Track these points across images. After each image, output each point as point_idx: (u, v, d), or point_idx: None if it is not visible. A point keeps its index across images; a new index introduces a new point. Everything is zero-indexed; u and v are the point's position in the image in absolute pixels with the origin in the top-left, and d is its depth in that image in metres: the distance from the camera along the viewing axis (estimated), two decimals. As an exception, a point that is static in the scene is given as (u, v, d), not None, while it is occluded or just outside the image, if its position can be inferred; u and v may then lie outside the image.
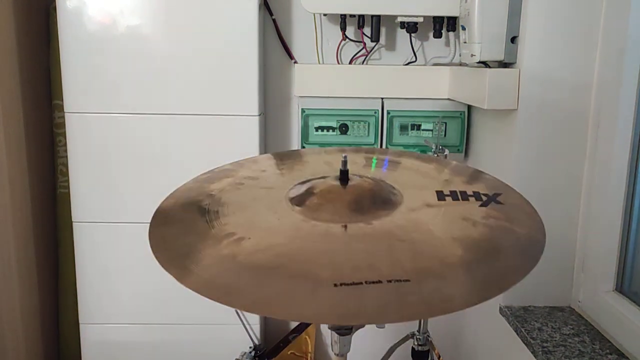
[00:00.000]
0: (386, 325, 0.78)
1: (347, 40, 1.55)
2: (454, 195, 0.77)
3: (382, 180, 0.80)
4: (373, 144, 1.54)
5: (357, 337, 0.80)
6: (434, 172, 0.86)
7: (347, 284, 0.57)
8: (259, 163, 0.92)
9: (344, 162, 0.76)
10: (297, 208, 0.72)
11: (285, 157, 0.95)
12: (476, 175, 0.86)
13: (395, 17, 1.47)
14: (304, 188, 0.76)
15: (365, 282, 0.57)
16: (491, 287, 0.59)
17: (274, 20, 1.55)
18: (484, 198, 0.76)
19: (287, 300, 0.56)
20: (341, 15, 1.49)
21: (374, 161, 0.89)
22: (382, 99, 1.53)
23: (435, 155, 1.29)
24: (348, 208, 0.72)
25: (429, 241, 0.67)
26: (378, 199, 0.74)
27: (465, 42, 1.29)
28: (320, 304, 0.55)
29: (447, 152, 1.29)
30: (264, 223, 0.70)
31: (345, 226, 0.68)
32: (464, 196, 0.77)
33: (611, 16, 1.10)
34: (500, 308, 1.26)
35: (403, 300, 0.55)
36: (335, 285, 0.57)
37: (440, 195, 0.77)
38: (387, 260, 0.62)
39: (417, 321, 1.27)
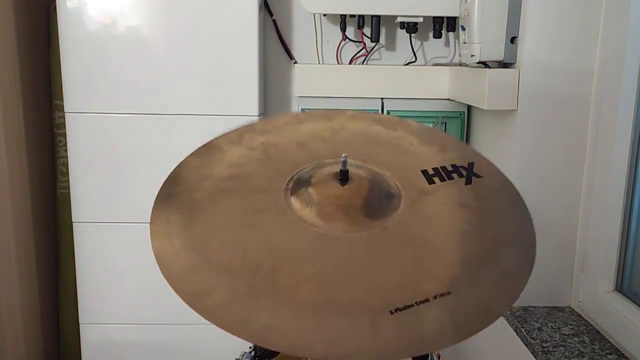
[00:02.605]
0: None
1: (347, 40, 1.55)
2: (439, 175, 0.77)
3: (370, 167, 0.79)
4: (373, 144, 1.54)
5: (357, 337, 0.80)
6: (405, 142, 0.85)
7: (401, 309, 0.53)
8: (226, 152, 0.84)
9: (344, 163, 0.75)
10: (308, 218, 0.68)
11: (248, 136, 0.87)
12: (442, 142, 0.86)
13: (395, 17, 1.47)
14: (304, 194, 0.73)
15: (416, 304, 0.54)
16: (520, 279, 0.59)
17: (274, 21, 1.55)
18: (464, 172, 0.78)
19: (352, 339, 0.51)
20: (341, 15, 1.49)
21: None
22: (382, 99, 1.53)
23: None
24: (360, 213, 0.69)
25: (444, 241, 0.66)
26: (382, 196, 0.74)
27: (465, 43, 1.29)
28: (383, 337, 0.51)
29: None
30: (284, 244, 0.64)
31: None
32: (448, 175, 0.78)
33: (611, 17, 1.10)
34: (500, 308, 1.26)
35: (455, 318, 0.54)
36: (391, 312, 0.53)
37: (428, 177, 0.77)
38: (421, 272, 0.60)
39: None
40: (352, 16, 1.51)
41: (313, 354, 0.50)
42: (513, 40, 1.20)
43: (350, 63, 1.57)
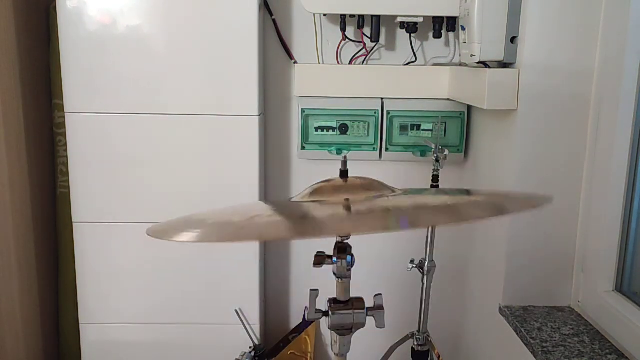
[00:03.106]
0: (386, 325, 0.78)
1: (347, 40, 1.55)
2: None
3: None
4: (373, 144, 1.54)
5: (357, 337, 0.80)
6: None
7: None
8: None
9: (344, 163, 0.76)
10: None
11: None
12: None
13: (395, 17, 1.47)
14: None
15: None
16: None
17: (274, 21, 1.55)
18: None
19: None
20: (341, 15, 1.49)
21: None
22: (382, 99, 1.53)
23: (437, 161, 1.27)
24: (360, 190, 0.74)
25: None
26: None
27: (465, 42, 1.29)
28: None
29: (447, 152, 1.29)
30: None
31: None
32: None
33: (611, 17, 1.10)
34: (500, 308, 1.27)
35: None
36: None
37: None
38: None
39: (417, 321, 1.27)
40: (352, 16, 1.51)
41: None
42: (513, 40, 1.20)
43: (350, 63, 1.57)
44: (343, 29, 1.52)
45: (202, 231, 0.68)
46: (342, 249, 0.77)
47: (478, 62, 1.24)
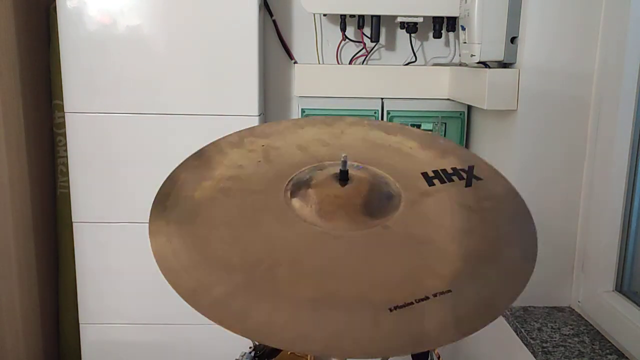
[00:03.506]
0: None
1: (347, 40, 1.55)
2: (439, 177, 0.78)
3: (370, 168, 0.80)
4: (373, 144, 1.54)
5: (357, 337, 0.80)
6: (405, 147, 0.85)
7: (401, 307, 0.53)
8: (226, 154, 0.83)
9: (344, 163, 0.75)
10: (307, 217, 0.68)
11: (249, 140, 0.86)
12: (443, 147, 0.86)
13: (395, 17, 1.47)
14: (304, 194, 0.73)
15: (415, 301, 0.54)
16: (521, 276, 0.59)
17: (274, 21, 1.55)
18: (464, 175, 0.78)
19: (352, 336, 0.51)
20: (341, 15, 1.49)
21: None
22: (382, 99, 1.53)
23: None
24: (360, 213, 0.70)
25: (445, 239, 0.67)
26: (382, 196, 0.74)
27: (465, 43, 1.29)
28: (383, 333, 0.51)
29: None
30: (284, 242, 0.64)
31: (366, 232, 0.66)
32: (448, 177, 0.78)
33: (611, 17, 1.10)
34: (500, 308, 1.26)
35: (456, 315, 0.54)
36: (390, 310, 0.53)
37: (428, 179, 0.77)
38: (422, 269, 0.60)
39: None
40: (352, 16, 1.51)
41: (313, 350, 0.50)
42: (513, 40, 1.20)
43: (350, 63, 1.57)
44: (343, 29, 1.52)
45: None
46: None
47: (478, 62, 1.24)
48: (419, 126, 1.53)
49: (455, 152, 0.85)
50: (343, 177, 0.75)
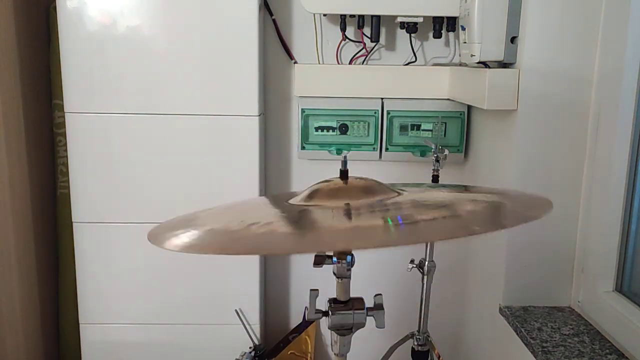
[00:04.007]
0: (386, 325, 0.78)
1: (347, 40, 1.56)
2: None
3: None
4: (373, 144, 1.54)
5: (357, 337, 0.80)
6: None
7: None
8: None
9: (344, 163, 0.76)
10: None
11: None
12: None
13: (395, 17, 1.47)
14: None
15: None
16: None
17: (274, 21, 1.55)
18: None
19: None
20: (341, 15, 1.49)
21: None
22: (382, 99, 1.53)
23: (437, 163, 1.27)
24: (360, 193, 0.75)
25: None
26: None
27: (465, 42, 1.29)
28: None
29: (447, 152, 1.29)
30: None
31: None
32: None
33: (611, 17, 1.10)
34: (500, 308, 1.27)
35: None
36: None
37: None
38: None
39: (417, 321, 1.27)
40: (352, 16, 1.51)
41: None
42: (513, 40, 1.20)
43: (350, 63, 1.57)
44: (343, 29, 1.52)
45: (197, 240, 0.67)
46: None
47: (478, 62, 1.24)
48: (419, 126, 1.53)
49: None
50: (343, 176, 0.76)
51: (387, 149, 1.54)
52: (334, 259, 0.77)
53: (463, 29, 1.29)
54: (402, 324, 1.37)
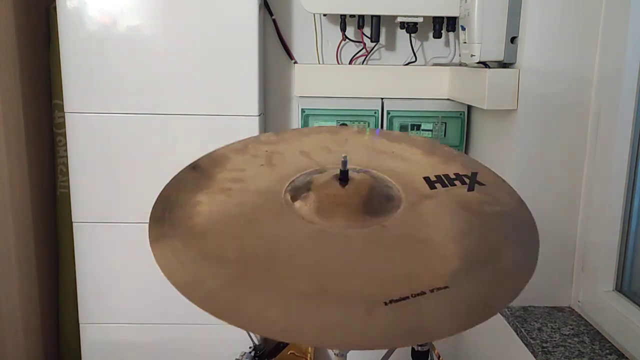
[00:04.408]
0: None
1: (347, 40, 1.56)
2: (441, 181, 0.78)
3: (372, 170, 0.80)
4: (373, 144, 1.54)
5: (357, 337, 0.80)
6: (407, 153, 0.86)
7: (396, 301, 0.54)
8: (229, 159, 0.85)
9: (344, 162, 0.75)
10: (306, 215, 0.69)
11: (253, 146, 0.88)
12: (446, 154, 0.87)
13: (395, 17, 1.47)
14: (303, 192, 0.75)
15: (412, 296, 0.55)
16: (520, 277, 0.59)
17: (274, 21, 1.55)
18: (467, 180, 0.78)
19: (345, 328, 0.51)
20: (341, 15, 1.49)
21: (367, 131, 0.87)
22: (382, 99, 1.53)
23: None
24: (359, 211, 0.70)
25: (445, 239, 0.67)
26: (382, 196, 0.74)
27: (465, 42, 1.29)
28: (377, 326, 0.51)
29: (447, 152, 1.29)
30: (280, 238, 0.65)
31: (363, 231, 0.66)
32: (450, 181, 0.78)
33: (611, 17, 1.10)
34: (500, 308, 1.27)
35: (454, 310, 0.54)
36: (386, 303, 0.54)
37: (430, 183, 0.77)
38: (420, 266, 0.61)
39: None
40: (352, 16, 1.51)
41: (305, 340, 0.51)
42: (513, 40, 1.20)
43: (350, 63, 1.57)
44: (343, 29, 1.52)
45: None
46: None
47: (478, 62, 1.24)
48: (419, 126, 1.53)
49: (459, 159, 0.86)
50: (343, 177, 0.75)
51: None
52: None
53: (463, 29, 1.30)
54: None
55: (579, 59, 1.15)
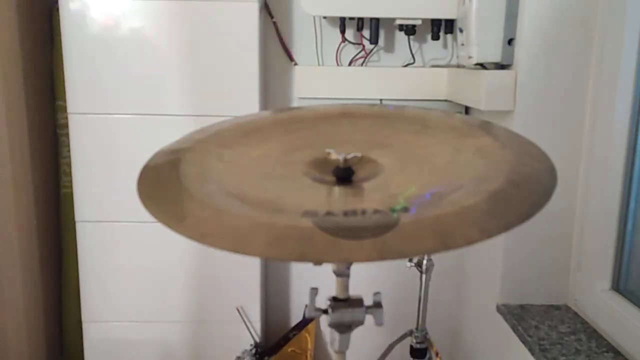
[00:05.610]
0: (385, 322, 0.79)
1: (346, 42, 1.57)
2: None
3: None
4: (372, 145, 1.55)
5: (357, 334, 0.81)
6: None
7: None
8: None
9: (345, 161, 0.76)
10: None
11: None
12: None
13: (393, 19, 1.48)
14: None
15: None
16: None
17: (274, 23, 1.56)
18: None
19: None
20: (341, 17, 1.50)
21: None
22: (381, 100, 1.54)
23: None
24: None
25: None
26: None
27: (462, 44, 1.30)
28: None
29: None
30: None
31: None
32: None
33: (608, 18, 1.11)
34: (497, 306, 1.28)
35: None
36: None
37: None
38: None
39: (416, 319, 1.28)
40: (352, 18, 1.53)
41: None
42: (510, 42, 1.21)
43: (349, 65, 1.58)
44: (342, 31, 1.53)
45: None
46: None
47: (476, 64, 1.25)
48: (417, 127, 1.54)
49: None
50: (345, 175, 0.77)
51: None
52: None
53: (461, 31, 1.31)
54: (400, 321, 1.38)
55: (575, 61, 1.16)
